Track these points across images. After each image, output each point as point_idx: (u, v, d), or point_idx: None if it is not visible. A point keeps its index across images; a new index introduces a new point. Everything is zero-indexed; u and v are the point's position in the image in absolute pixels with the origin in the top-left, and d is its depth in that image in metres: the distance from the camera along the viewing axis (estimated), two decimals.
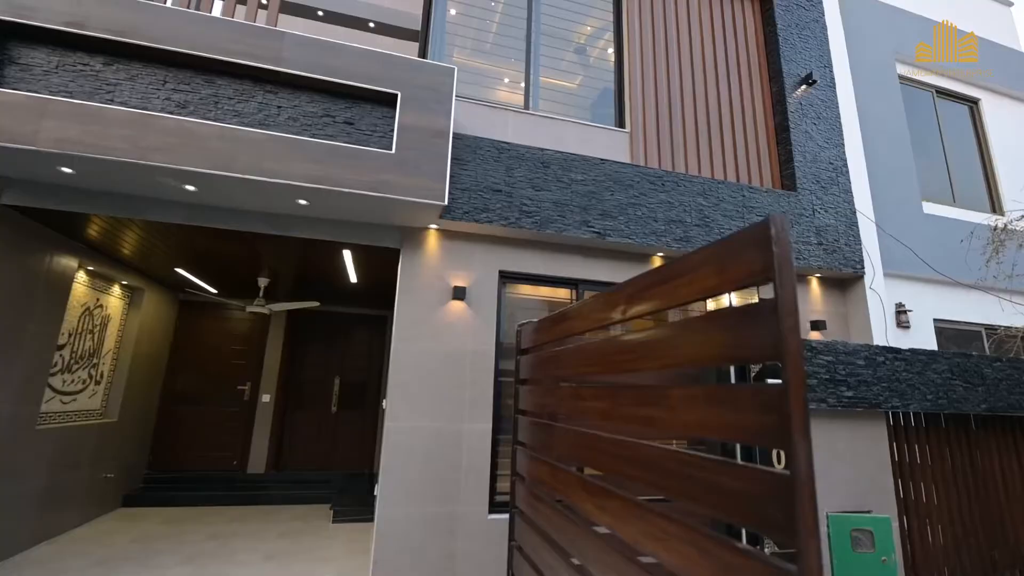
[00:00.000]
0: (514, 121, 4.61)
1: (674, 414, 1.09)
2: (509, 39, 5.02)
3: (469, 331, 4.07)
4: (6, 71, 3.16)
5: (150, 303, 5.82)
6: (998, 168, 6.85)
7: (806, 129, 5.39)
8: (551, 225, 4.21)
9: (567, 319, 1.70)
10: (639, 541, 1.13)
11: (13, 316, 3.75)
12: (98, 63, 3.30)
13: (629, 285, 1.30)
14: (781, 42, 5.62)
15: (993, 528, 3.36)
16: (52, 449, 4.33)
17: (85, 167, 3.24)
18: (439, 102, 3.80)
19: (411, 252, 4.11)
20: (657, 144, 4.97)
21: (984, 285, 5.11)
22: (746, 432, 0.90)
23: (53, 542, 4.39)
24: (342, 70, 3.63)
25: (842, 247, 5.13)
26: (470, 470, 3.85)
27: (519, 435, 2.20)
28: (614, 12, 5.40)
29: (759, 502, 0.84)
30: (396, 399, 3.81)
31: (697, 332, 1.02)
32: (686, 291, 1.07)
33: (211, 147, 3.23)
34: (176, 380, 6.43)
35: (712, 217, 4.72)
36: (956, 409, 3.33)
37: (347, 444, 6.99)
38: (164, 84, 3.37)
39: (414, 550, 3.64)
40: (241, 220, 3.89)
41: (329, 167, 3.43)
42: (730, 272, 0.93)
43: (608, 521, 1.26)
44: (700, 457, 0.98)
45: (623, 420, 1.30)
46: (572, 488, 1.50)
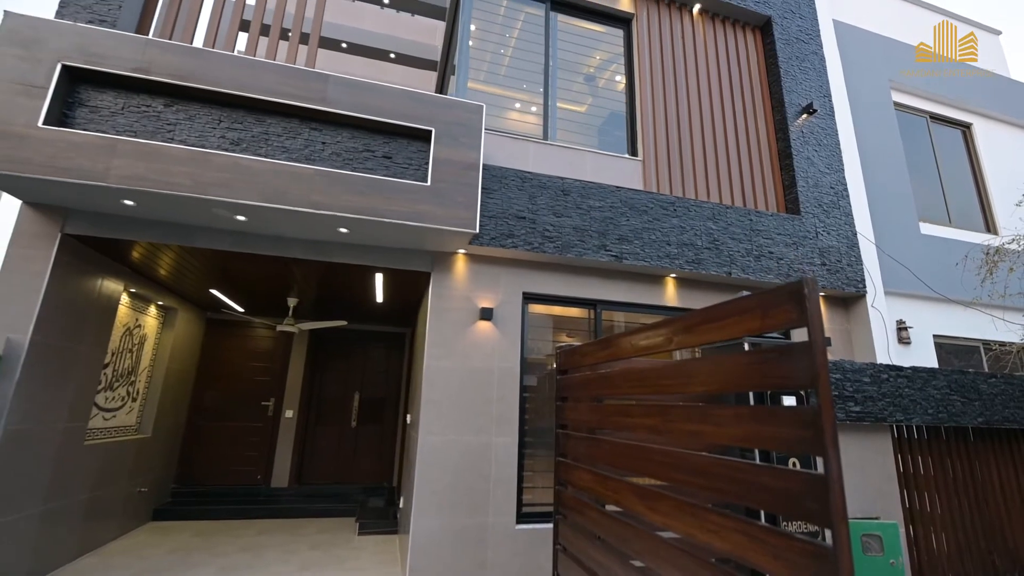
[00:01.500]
0: (534, 151, 4.91)
1: (722, 429, 1.33)
2: (524, 68, 5.34)
3: (496, 350, 4.31)
4: (77, 112, 3.45)
5: (181, 322, 6.07)
6: (991, 189, 7.17)
7: (808, 156, 5.70)
8: (572, 249, 4.48)
9: (614, 345, 1.94)
10: (693, 534, 1.36)
11: (69, 338, 3.99)
12: (160, 104, 3.59)
13: (679, 320, 1.55)
14: (783, 73, 5.96)
15: (993, 534, 3.57)
16: (96, 464, 4.54)
17: (147, 200, 3.51)
18: (470, 137, 4.10)
19: (441, 275, 4.37)
20: (668, 171, 5.27)
21: (979, 303, 5.37)
22: (787, 443, 1.14)
23: (95, 554, 4.57)
24: (380, 108, 3.93)
25: (844, 267, 5.40)
26: (498, 482, 4.06)
27: (560, 448, 2.43)
28: (625, 47, 5.74)
29: (799, 497, 1.08)
30: (429, 415, 4.04)
31: (744, 363, 1.27)
32: (733, 329, 1.32)
33: (264, 182, 3.51)
34: (203, 396, 6.64)
35: (722, 240, 4.99)
36: (955, 422, 3.56)
37: (366, 458, 7.18)
38: (219, 123, 3.66)
39: (446, 559, 3.83)
40: (284, 247, 4.16)
41: (371, 199, 3.71)
42: (772, 318, 1.18)
43: (662, 520, 1.49)
44: (748, 463, 1.22)
45: (672, 434, 1.54)
46: (623, 493, 1.74)
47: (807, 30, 6.35)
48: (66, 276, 3.89)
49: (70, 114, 3.42)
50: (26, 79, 3.30)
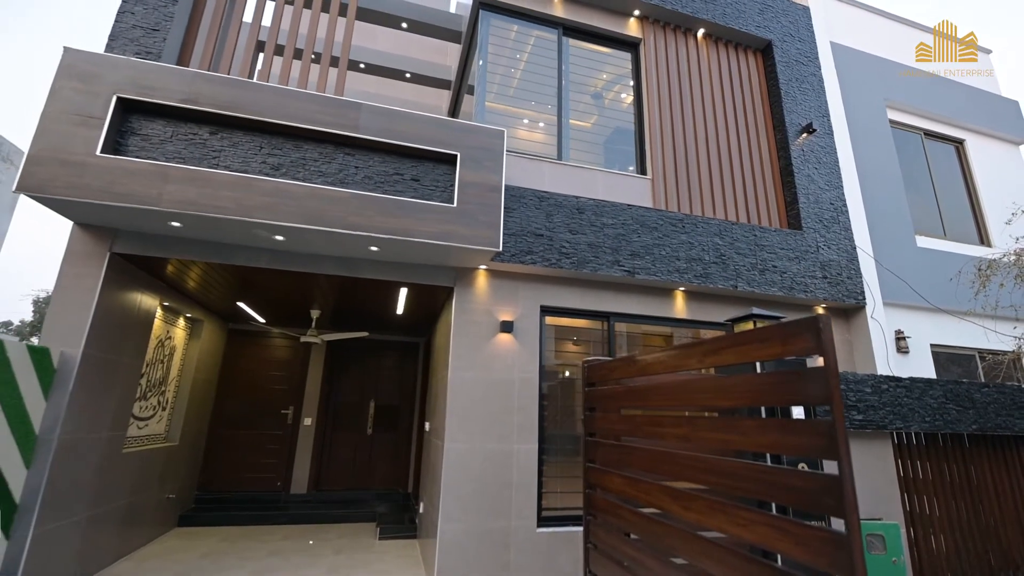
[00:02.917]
0: (549, 170, 5.17)
1: (748, 437, 1.56)
2: (538, 91, 5.61)
3: (516, 361, 4.54)
4: (129, 141, 3.70)
5: (206, 333, 6.29)
6: (984, 202, 7.45)
7: (808, 173, 5.98)
8: (587, 265, 4.73)
9: (643, 362, 2.18)
10: (725, 528, 1.58)
11: (114, 351, 4.21)
12: (205, 132, 3.84)
13: (707, 343, 1.79)
14: (783, 94, 6.25)
15: (988, 536, 3.80)
16: (132, 471, 4.74)
17: (194, 222, 3.75)
18: (492, 160, 4.35)
19: (464, 290, 4.61)
20: (676, 189, 5.54)
21: (973, 314, 5.63)
22: (806, 449, 1.37)
23: (129, 559, 4.76)
24: (409, 134, 4.19)
25: (844, 280, 5.66)
26: (520, 487, 4.28)
27: (589, 454, 2.66)
28: (633, 69, 6.03)
29: (817, 494, 1.31)
30: (453, 423, 4.26)
31: (772, 383, 1.50)
32: (757, 353, 1.56)
33: (305, 205, 3.75)
34: (224, 405, 6.85)
35: (728, 255, 5.24)
36: (951, 429, 3.80)
37: (381, 464, 7.38)
38: (260, 149, 3.91)
39: (472, 561, 4.04)
40: (317, 264, 4.40)
41: (402, 219, 3.95)
42: (792, 345, 1.42)
43: (695, 518, 1.71)
44: (776, 467, 1.45)
45: (702, 442, 1.77)
46: (656, 495, 1.96)
47: (806, 53, 6.65)
48: (112, 292, 4.12)
49: (123, 142, 3.67)
50: (84, 110, 3.55)
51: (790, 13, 6.76)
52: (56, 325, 3.75)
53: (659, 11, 6.02)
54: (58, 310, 3.77)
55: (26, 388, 3.42)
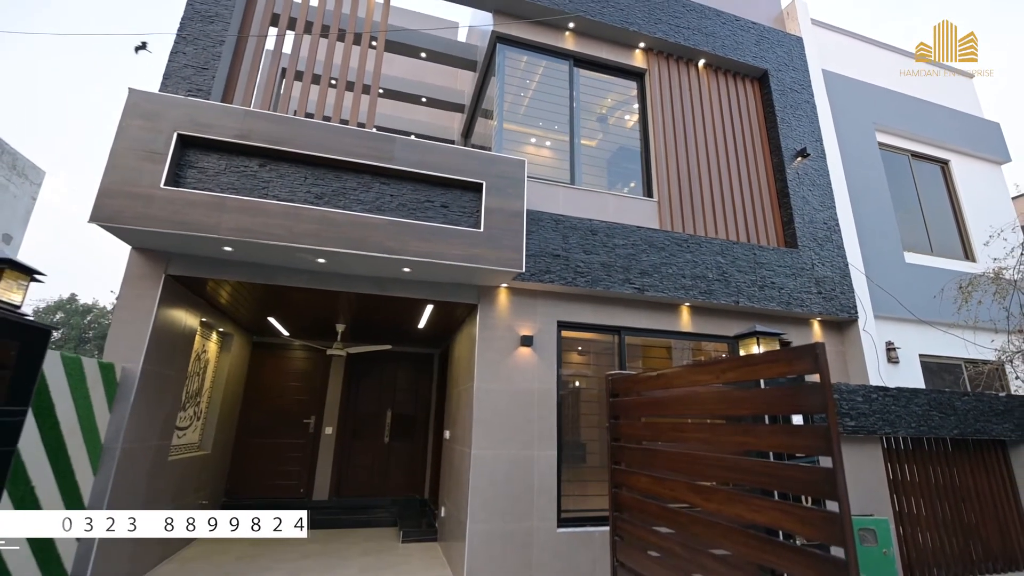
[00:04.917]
0: (563, 194, 5.56)
1: (762, 440, 1.92)
2: (550, 117, 6.02)
3: (535, 373, 4.90)
4: (188, 173, 4.06)
5: (235, 346, 6.61)
6: (968, 220, 7.90)
7: (803, 195, 6.39)
8: (600, 283, 5.10)
9: (666, 376, 2.54)
10: (741, 514, 1.94)
11: (165, 365, 4.53)
12: (255, 165, 4.21)
13: (724, 362, 2.15)
14: (779, 120, 6.68)
15: (969, 532, 4.16)
16: (175, 477, 5.04)
17: (245, 247, 4.10)
18: (514, 188, 4.73)
19: (487, 307, 4.97)
20: (681, 210, 5.94)
21: (957, 326, 6.03)
22: (807, 449, 1.73)
23: (171, 560, 5.05)
24: (438, 164, 4.56)
25: (838, 295, 6.06)
26: (541, 491, 4.61)
27: (615, 457, 3.01)
28: (639, 97, 6.45)
29: (818, 483, 1.67)
30: (479, 432, 4.59)
31: (779, 395, 1.86)
32: (766, 371, 1.92)
33: (347, 231, 4.11)
34: (250, 415, 7.15)
35: (730, 273, 5.63)
36: (935, 434, 4.18)
37: (398, 472, 7.69)
38: (305, 180, 4.27)
39: (497, 561, 4.36)
40: (351, 283, 4.75)
41: (434, 243, 4.31)
42: (795, 366, 1.79)
43: (715, 507, 2.06)
44: (784, 463, 1.81)
45: (720, 444, 2.13)
46: (680, 490, 2.31)
47: (799, 81, 7.10)
48: (165, 311, 4.45)
49: (182, 175, 4.02)
50: (149, 146, 3.91)
51: (784, 44, 7.22)
52: (118, 342, 4.07)
53: (662, 43, 6.46)
54: (119, 328, 4.10)
55: (95, 401, 3.74)
